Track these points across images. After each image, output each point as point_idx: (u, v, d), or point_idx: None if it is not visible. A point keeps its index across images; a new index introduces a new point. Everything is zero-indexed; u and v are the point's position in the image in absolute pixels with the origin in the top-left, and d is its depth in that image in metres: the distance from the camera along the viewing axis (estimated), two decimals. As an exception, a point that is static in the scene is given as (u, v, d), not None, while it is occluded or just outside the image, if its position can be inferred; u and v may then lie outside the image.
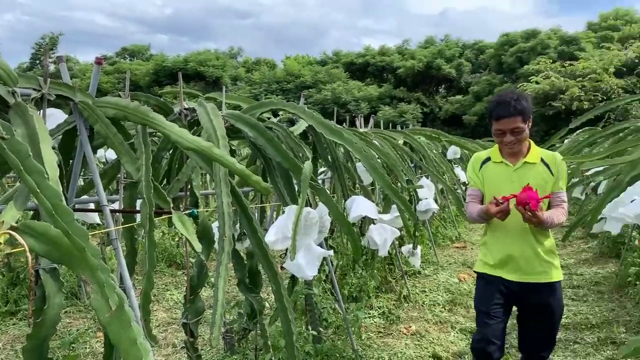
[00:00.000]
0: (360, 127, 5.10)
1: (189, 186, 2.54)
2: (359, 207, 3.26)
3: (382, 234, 3.56)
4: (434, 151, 6.36)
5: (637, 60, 22.08)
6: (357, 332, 3.76)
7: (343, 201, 3.45)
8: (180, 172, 2.34)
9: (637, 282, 4.72)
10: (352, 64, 39.72)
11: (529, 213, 2.31)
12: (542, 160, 2.54)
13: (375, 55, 39.32)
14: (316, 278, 3.41)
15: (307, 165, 2.24)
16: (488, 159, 2.65)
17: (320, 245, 2.72)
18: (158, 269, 5.90)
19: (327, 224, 2.61)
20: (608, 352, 3.66)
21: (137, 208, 2.04)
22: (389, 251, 3.69)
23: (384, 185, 2.84)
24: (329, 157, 3.29)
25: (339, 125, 3.32)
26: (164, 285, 5.48)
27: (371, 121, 5.72)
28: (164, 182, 2.91)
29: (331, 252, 2.57)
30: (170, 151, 2.74)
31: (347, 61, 40.11)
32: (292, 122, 3.56)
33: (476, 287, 2.81)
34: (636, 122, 4.73)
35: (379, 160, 3.43)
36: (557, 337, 3.94)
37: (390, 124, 9.70)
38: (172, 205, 1.81)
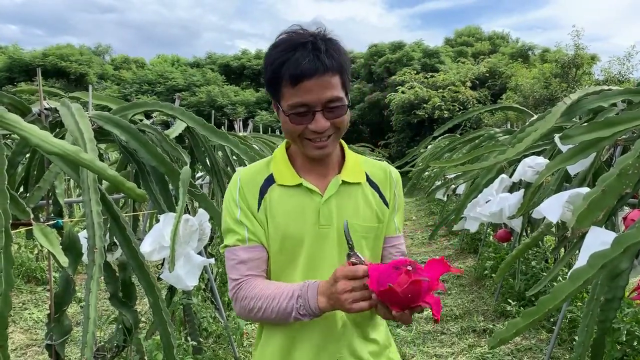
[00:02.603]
0: (240, 131, 5.05)
1: (51, 194, 2.31)
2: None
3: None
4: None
5: (487, 75, 24.65)
6: (239, 340, 3.71)
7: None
8: (42, 178, 2.11)
9: (492, 275, 5.25)
10: (228, 67, 39.24)
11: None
12: (367, 178, 1.35)
13: (251, 59, 39.26)
14: (195, 287, 3.29)
15: (185, 170, 2.16)
16: (270, 179, 1.30)
17: (200, 253, 2.63)
18: (14, 285, 5.31)
19: (208, 231, 2.53)
20: (470, 340, 4.02)
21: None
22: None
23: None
24: (208, 161, 3.20)
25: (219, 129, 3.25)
26: (21, 304, 4.94)
27: (250, 125, 5.69)
28: (20, 189, 2.62)
29: (212, 260, 2.50)
30: (28, 155, 2.48)
31: (223, 63, 39.54)
32: (166, 125, 3.41)
33: None
34: (489, 130, 5.29)
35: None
36: (426, 329, 4.27)
37: (270, 129, 9.74)
38: (32, 215, 1.63)
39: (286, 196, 1.28)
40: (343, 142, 1.37)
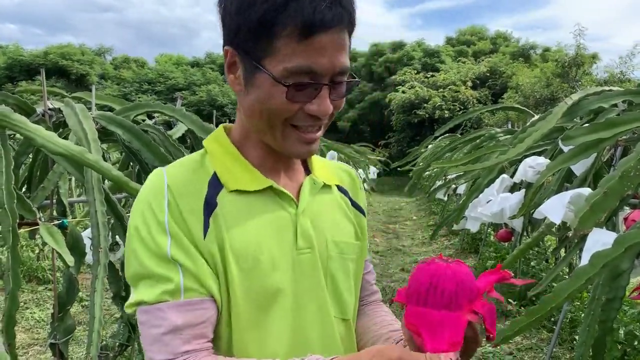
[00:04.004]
0: (240, 131, 5.05)
1: (55, 194, 2.33)
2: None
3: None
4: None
5: (488, 74, 24.64)
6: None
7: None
8: (46, 179, 2.12)
9: (493, 274, 5.26)
10: (228, 66, 39.31)
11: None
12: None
13: (251, 59, 39.32)
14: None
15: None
16: (215, 183, 0.82)
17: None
18: (21, 285, 5.33)
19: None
20: (470, 338, 4.03)
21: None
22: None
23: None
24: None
25: (219, 129, 3.26)
26: (23, 303, 4.95)
27: (251, 125, 5.70)
28: (23, 189, 2.64)
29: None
30: (31, 155, 2.49)
31: (222, 63, 39.63)
32: (168, 125, 3.42)
33: None
34: (490, 130, 5.30)
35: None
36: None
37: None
38: (38, 215, 1.64)
39: (245, 207, 0.82)
40: None
